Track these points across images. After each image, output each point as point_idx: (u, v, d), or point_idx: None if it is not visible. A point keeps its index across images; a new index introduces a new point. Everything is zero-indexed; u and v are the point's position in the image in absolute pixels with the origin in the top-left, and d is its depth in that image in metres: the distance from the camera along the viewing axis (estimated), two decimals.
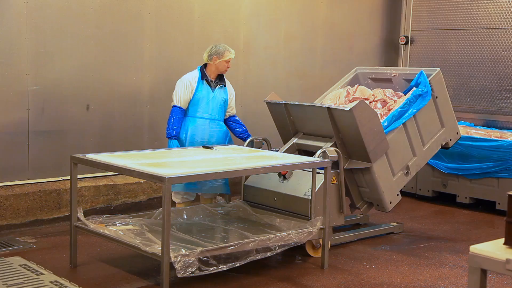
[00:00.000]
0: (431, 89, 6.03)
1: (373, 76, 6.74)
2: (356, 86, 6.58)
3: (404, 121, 5.88)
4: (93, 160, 4.91)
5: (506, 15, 8.02)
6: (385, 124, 5.80)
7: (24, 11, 6.02)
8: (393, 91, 6.41)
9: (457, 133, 6.43)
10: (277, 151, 5.86)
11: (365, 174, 5.74)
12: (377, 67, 6.85)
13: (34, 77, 6.14)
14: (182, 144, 6.01)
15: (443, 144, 6.33)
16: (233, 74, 7.43)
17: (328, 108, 5.60)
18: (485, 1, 8.19)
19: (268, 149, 6.04)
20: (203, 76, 6.04)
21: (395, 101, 6.25)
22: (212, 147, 5.66)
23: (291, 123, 6.05)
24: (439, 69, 6.16)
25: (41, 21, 6.13)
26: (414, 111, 5.93)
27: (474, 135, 7.41)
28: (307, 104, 5.88)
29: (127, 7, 6.71)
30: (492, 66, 8.14)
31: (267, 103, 6.16)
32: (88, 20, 6.44)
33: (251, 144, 6.08)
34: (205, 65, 6.10)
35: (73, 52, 6.38)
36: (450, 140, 6.37)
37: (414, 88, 6.07)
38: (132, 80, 6.84)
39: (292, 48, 8.26)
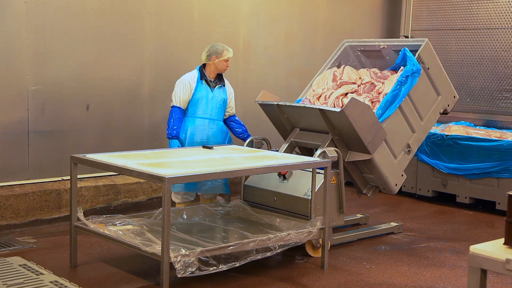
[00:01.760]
0: (422, 61, 5.90)
1: (362, 48, 6.63)
2: (342, 67, 6.46)
3: (398, 104, 5.78)
4: (93, 160, 4.91)
5: (506, 15, 8.02)
6: (380, 112, 5.72)
7: (24, 11, 6.02)
8: (379, 72, 6.28)
9: (454, 97, 6.32)
10: (277, 151, 5.86)
11: (366, 163, 5.74)
12: (365, 39, 6.72)
13: (34, 77, 6.14)
14: (182, 144, 6.01)
15: (442, 111, 6.26)
16: (233, 74, 7.43)
17: (320, 109, 5.59)
18: (485, 1, 8.20)
19: (268, 149, 6.05)
20: (202, 76, 6.04)
21: (383, 83, 6.12)
22: (212, 147, 5.67)
23: (286, 121, 6.05)
24: (427, 39, 6.03)
25: (41, 21, 6.14)
26: (407, 91, 5.80)
27: (474, 135, 7.41)
28: (299, 105, 5.85)
29: (127, 7, 6.71)
30: (492, 66, 8.14)
31: (259, 103, 6.15)
32: (88, 20, 6.45)
33: (251, 144, 6.08)
34: (204, 65, 6.10)
35: (73, 52, 6.38)
36: (448, 105, 6.28)
37: (403, 68, 5.93)
38: (132, 80, 6.84)
39: (292, 48, 8.26)
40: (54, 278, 4.57)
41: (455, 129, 7.76)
